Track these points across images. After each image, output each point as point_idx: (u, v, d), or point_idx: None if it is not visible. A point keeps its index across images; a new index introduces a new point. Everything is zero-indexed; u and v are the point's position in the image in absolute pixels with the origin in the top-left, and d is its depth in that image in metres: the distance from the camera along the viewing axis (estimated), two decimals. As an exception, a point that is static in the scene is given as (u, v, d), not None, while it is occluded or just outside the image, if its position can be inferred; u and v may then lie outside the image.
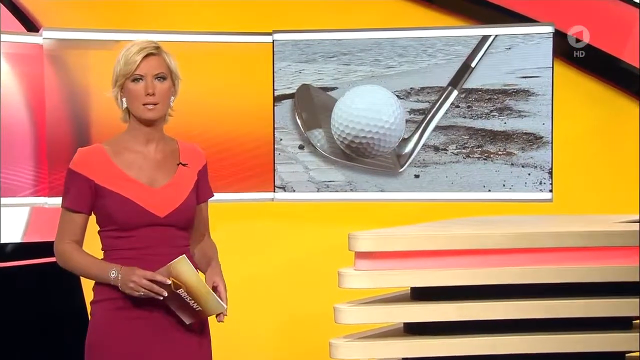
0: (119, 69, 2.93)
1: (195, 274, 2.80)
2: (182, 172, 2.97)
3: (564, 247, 3.74)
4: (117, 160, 2.91)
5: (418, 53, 4.84)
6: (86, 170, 2.89)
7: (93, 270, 2.88)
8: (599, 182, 5.06)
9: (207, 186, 3.05)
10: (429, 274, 3.70)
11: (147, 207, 2.88)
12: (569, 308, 3.70)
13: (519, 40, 4.76)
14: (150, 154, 2.94)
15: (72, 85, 4.73)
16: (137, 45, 2.92)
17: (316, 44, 4.91)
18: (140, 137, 2.94)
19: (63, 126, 4.70)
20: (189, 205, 2.95)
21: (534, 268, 3.71)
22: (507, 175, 4.80)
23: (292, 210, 5.18)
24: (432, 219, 4.51)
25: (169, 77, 2.92)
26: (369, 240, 3.68)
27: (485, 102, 4.81)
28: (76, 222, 2.91)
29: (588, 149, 5.10)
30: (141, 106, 2.90)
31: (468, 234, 3.73)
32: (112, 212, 2.88)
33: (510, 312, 3.70)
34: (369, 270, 3.68)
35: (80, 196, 2.89)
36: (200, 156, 3.04)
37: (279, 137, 4.94)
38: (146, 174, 2.92)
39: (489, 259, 3.72)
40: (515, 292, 3.74)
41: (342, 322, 3.69)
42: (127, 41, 4.64)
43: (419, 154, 4.87)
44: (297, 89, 4.95)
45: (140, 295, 2.81)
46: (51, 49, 4.69)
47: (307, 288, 5.13)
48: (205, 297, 2.82)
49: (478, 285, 3.71)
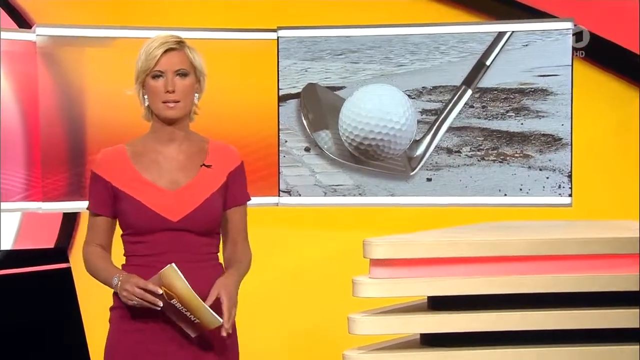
0: (140, 64, 2.89)
1: (184, 285, 2.75)
2: (206, 173, 2.92)
3: (590, 255, 3.74)
4: (136, 161, 2.90)
5: (430, 50, 4.82)
6: (105, 172, 2.91)
7: (103, 275, 2.89)
8: (621, 186, 5.05)
9: (240, 189, 2.99)
10: (448, 282, 3.69)
11: (159, 210, 2.85)
12: (598, 319, 3.68)
13: (536, 37, 4.73)
14: (172, 155, 2.92)
15: (67, 85, 4.71)
16: (158, 40, 2.88)
17: (323, 41, 4.88)
18: (162, 137, 2.91)
19: (57, 127, 4.68)
20: (209, 209, 2.89)
21: (560, 276, 3.70)
22: (524, 178, 4.76)
23: (297, 216, 5.18)
24: (444, 225, 4.51)
25: (192, 74, 2.89)
26: (386, 247, 3.66)
27: (501, 101, 4.78)
28: (99, 225, 2.93)
29: (609, 151, 5.11)
30: (161, 104, 2.88)
31: (490, 240, 3.71)
32: (126, 215, 2.88)
33: (535, 323, 3.68)
34: (385, 279, 3.67)
35: (100, 199, 2.91)
36: (233, 157, 2.99)
37: (284, 138, 4.91)
38: (165, 175, 2.90)
39: (511, 266, 3.70)
40: (539, 302, 3.71)
41: (357, 332, 3.67)
42: (124, 38, 4.78)
43: (431, 157, 4.84)
44: (303, 88, 4.91)
45: (134, 304, 2.79)
46: (45, 46, 4.67)
47: (314, 297, 5.16)
48: (198, 310, 2.76)
49: (499, 294, 3.69)
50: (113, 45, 4.72)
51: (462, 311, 3.69)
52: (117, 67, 4.67)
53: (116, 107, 4.63)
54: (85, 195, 4.61)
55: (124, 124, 4.61)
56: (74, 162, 4.67)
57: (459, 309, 3.69)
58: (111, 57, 4.69)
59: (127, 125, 4.63)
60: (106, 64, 4.69)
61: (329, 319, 4.73)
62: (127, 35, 4.73)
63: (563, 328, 3.67)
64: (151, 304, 2.76)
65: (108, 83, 4.67)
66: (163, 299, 2.75)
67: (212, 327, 2.78)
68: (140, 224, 2.85)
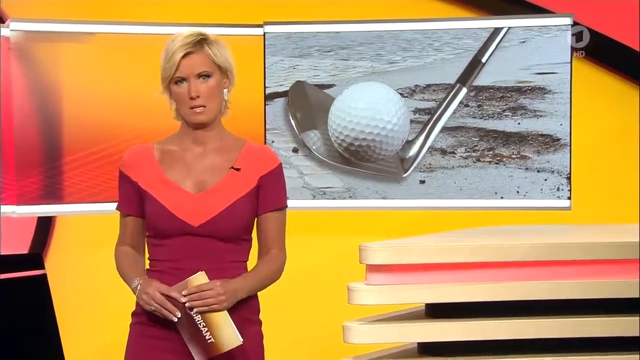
0: (162, 70, 2.84)
1: None
2: (234, 176, 2.85)
3: (594, 260, 3.75)
4: (162, 161, 2.87)
5: (424, 47, 4.80)
6: (131, 171, 2.88)
7: (125, 277, 2.86)
8: (622, 189, 5.06)
9: (273, 194, 2.90)
10: (447, 289, 3.68)
11: (179, 214, 2.80)
12: (603, 326, 3.67)
13: (534, 33, 4.72)
14: (202, 155, 2.87)
15: (42, 83, 4.68)
16: (178, 42, 2.82)
17: (311, 37, 4.85)
18: (191, 138, 2.87)
19: (32, 127, 4.65)
20: (233, 215, 2.82)
21: (563, 282, 3.71)
22: (521, 180, 4.74)
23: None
24: (438, 229, 4.53)
25: (216, 72, 2.85)
26: (384, 252, 3.66)
27: (498, 100, 4.76)
28: (127, 224, 2.91)
29: (610, 152, 5.12)
30: (188, 110, 2.83)
31: (491, 245, 3.72)
32: (149, 217, 2.85)
33: (537, 331, 3.67)
34: (381, 285, 3.66)
35: (127, 198, 2.89)
36: (268, 159, 2.91)
37: (271, 139, 4.88)
38: (191, 177, 2.85)
39: (512, 272, 3.71)
40: (541, 309, 3.72)
41: (352, 341, 3.66)
42: (102, 34, 4.74)
43: (425, 158, 4.81)
44: (291, 86, 4.88)
45: (152, 309, 2.74)
46: (19, 42, 4.63)
47: (306, 306, 5.16)
48: (221, 325, 2.71)
49: (500, 302, 3.70)
50: (91, 41, 4.69)
51: (461, 319, 3.68)
52: (95, 64, 4.65)
53: (94, 106, 4.60)
54: (61, 198, 4.61)
55: (102, 123, 4.61)
56: (49, 164, 4.63)
57: (458, 317, 3.69)
58: (89, 54, 4.67)
59: (105, 125, 4.62)
60: (84, 61, 4.66)
61: (322, 327, 4.76)
62: (106, 30, 4.71)
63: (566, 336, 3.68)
64: (169, 313, 2.72)
65: (85, 81, 4.64)
66: (183, 310, 2.71)
67: (227, 348, 2.72)
68: (160, 227, 2.81)
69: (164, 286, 2.73)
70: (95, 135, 4.63)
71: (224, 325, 2.72)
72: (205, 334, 2.72)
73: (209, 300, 2.72)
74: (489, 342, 3.68)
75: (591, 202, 5.00)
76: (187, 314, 2.71)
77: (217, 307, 2.72)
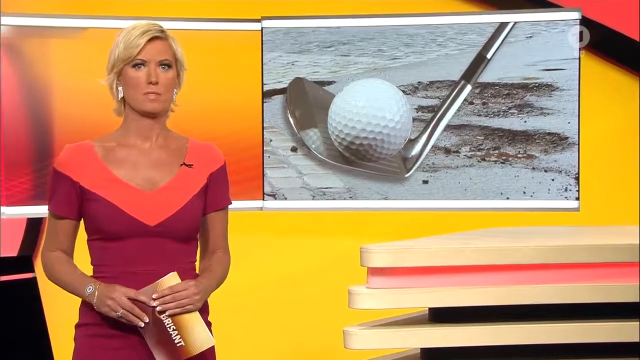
0: (118, 52, 2.81)
1: None
2: (186, 174, 2.85)
3: (604, 263, 3.69)
4: (107, 158, 2.83)
5: (427, 42, 4.81)
6: (71, 170, 2.82)
7: (71, 284, 2.81)
8: (632, 189, 5.04)
9: (220, 192, 2.92)
10: (451, 292, 3.63)
11: (134, 214, 2.77)
12: (615, 331, 3.63)
13: (541, 28, 4.74)
14: (148, 151, 2.85)
15: (32, 80, 4.69)
16: (140, 28, 2.82)
17: (311, 32, 4.87)
18: (137, 132, 2.84)
19: (21, 125, 4.65)
20: (190, 214, 2.82)
21: (572, 286, 3.66)
22: (528, 181, 4.76)
23: (283, 221, 5.18)
24: (442, 231, 4.49)
25: (174, 66, 2.84)
26: (386, 255, 3.60)
27: (503, 98, 4.78)
28: (62, 228, 2.85)
29: (619, 151, 5.12)
30: (142, 96, 2.80)
31: (496, 247, 3.66)
32: (96, 218, 2.79)
33: (545, 336, 3.63)
34: (383, 289, 3.62)
35: (65, 200, 2.83)
36: (215, 157, 2.93)
37: (269, 137, 4.89)
38: (140, 174, 2.82)
39: (519, 275, 3.66)
40: (549, 313, 3.67)
41: (353, 347, 3.61)
42: (94, 29, 4.74)
43: (428, 157, 4.83)
44: (289, 83, 4.90)
45: (117, 316, 2.71)
46: (7, 37, 4.63)
47: (304, 310, 5.15)
48: (193, 326, 2.70)
49: (506, 306, 3.65)
50: (82, 37, 4.70)
51: (466, 324, 3.64)
52: (87, 60, 4.63)
53: (85, 104, 4.60)
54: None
55: (93, 122, 4.60)
56: (39, 164, 4.64)
57: (462, 322, 3.65)
58: (80, 49, 4.67)
59: (96, 124, 4.60)
60: (75, 57, 4.67)
61: (321, 332, 4.78)
62: (98, 25, 4.72)
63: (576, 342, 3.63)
64: (136, 319, 2.69)
65: (76, 78, 4.64)
66: (151, 315, 2.69)
67: (200, 350, 2.72)
68: (112, 229, 2.76)
69: (131, 290, 2.70)
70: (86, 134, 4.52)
71: (195, 327, 2.72)
72: (174, 337, 2.71)
73: (183, 301, 2.71)
74: (494, 347, 3.64)
75: (600, 203, 5.01)
76: (155, 318, 2.69)
77: (191, 308, 2.72)
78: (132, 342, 2.75)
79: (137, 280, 2.73)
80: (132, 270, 2.76)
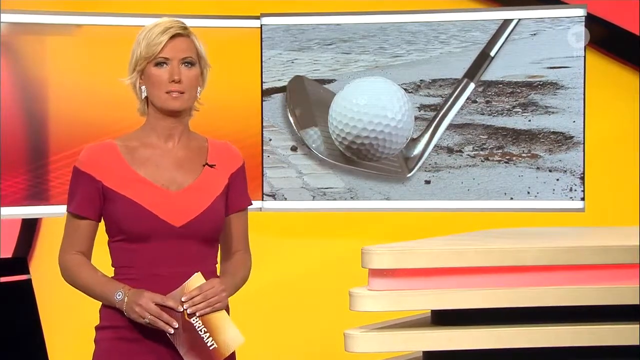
0: (140, 51, 2.81)
1: None
2: (209, 174, 2.86)
3: (610, 264, 3.68)
4: (130, 157, 2.83)
5: (429, 40, 4.81)
6: (93, 169, 2.82)
7: (98, 288, 2.80)
8: (638, 189, 5.05)
9: (241, 193, 2.93)
10: (454, 294, 3.63)
11: (159, 214, 2.78)
12: (621, 334, 3.62)
13: (545, 25, 4.73)
14: (171, 151, 2.85)
15: (28, 78, 4.68)
16: (162, 25, 2.82)
17: (311, 29, 4.87)
18: (159, 132, 2.85)
19: (17, 125, 4.64)
20: (215, 214, 2.83)
21: (577, 288, 3.66)
22: (532, 181, 4.76)
23: (283, 222, 5.20)
24: (444, 232, 4.48)
25: (198, 64, 2.85)
26: (387, 256, 3.59)
27: (507, 96, 4.77)
28: (83, 229, 2.85)
29: (625, 150, 5.12)
30: (164, 94, 2.81)
31: (500, 248, 3.65)
32: (120, 219, 2.80)
33: (551, 340, 3.63)
34: (385, 291, 3.61)
35: (86, 199, 2.83)
36: (235, 156, 2.94)
37: (268, 137, 4.89)
38: (164, 174, 2.83)
39: (524, 277, 3.65)
40: (555, 316, 3.67)
41: (354, 350, 3.61)
42: (91, 26, 4.73)
43: (430, 157, 4.83)
44: (289, 81, 4.90)
45: (146, 322, 2.70)
46: (2, 34, 4.62)
47: (304, 312, 5.16)
48: (224, 325, 2.71)
49: (510, 308, 3.64)
50: (78, 34, 4.70)
51: (469, 326, 3.64)
52: (83, 58, 4.65)
53: (82, 103, 4.60)
54: (47, 199, 4.59)
55: (90, 121, 4.61)
56: (35, 163, 4.63)
57: (465, 324, 3.65)
58: (77, 47, 4.67)
59: (93, 123, 4.63)
60: (71, 55, 4.66)
61: (321, 335, 4.77)
62: (94, 22, 4.71)
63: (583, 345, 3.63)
64: (165, 325, 2.69)
65: (73, 76, 4.64)
66: (180, 319, 2.70)
67: (233, 349, 2.73)
68: (137, 229, 2.77)
69: (158, 295, 2.70)
70: (83, 133, 4.62)
71: (226, 325, 2.73)
72: (207, 340, 2.71)
73: (212, 299, 2.71)
74: (498, 350, 3.63)
75: (606, 203, 5.01)
76: (185, 323, 2.69)
77: (219, 306, 2.72)
78: (156, 347, 2.76)
79: (161, 282, 2.74)
80: (157, 272, 2.77)
